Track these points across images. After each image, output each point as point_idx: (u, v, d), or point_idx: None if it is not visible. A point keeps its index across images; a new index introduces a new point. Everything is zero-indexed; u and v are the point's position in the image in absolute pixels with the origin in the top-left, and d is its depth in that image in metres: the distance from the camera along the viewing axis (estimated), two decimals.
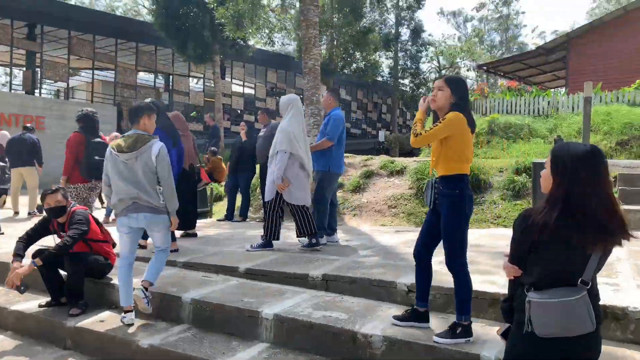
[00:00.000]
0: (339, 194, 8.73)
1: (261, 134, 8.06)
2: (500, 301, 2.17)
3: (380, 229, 7.19)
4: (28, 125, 9.79)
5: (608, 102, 13.02)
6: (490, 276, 3.99)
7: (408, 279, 3.94)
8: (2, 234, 7.00)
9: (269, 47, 17.31)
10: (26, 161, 9.10)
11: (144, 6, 19.37)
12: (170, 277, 4.56)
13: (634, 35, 17.22)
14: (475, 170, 7.80)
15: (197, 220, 8.99)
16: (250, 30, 11.07)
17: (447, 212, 3.11)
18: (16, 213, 9.20)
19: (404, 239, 6.12)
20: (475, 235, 6.18)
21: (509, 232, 6.19)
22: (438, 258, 4.29)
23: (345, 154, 11.14)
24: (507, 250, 2.09)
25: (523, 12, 63.73)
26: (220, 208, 9.78)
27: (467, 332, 3.04)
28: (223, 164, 10.95)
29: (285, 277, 4.36)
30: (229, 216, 8.45)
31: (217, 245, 5.84)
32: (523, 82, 21.67)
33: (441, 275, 4.02)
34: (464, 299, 3.11)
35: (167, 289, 4.15)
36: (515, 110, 14.10)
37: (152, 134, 4.07)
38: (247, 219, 8.56)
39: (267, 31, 11.28)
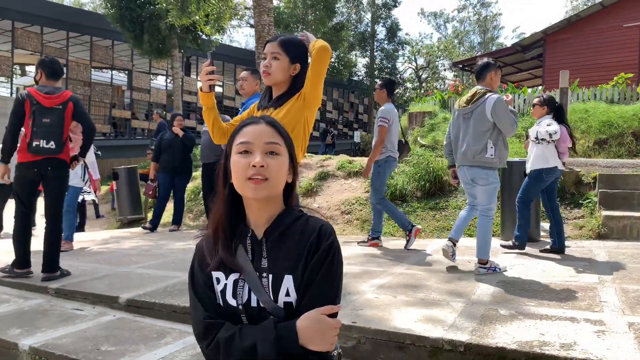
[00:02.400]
0: None
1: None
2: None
3: None
4: None
5: (585, 99, 12.27)
6: (436, 309, 3.00)
7: None
8: None
9: (221, 35, 16.19)
10: None
11: None
12: (28, 310, 3.49)
13: (611, 30, 16.59)
14: (438, 170, 6.87)
15: (123, 229, 7.95)
16: (198, 17, 10.00)
17: None
18: None
19: (349, 252, 5.12)
20: (434, 247, 5.23)
21: (473, 243, 5.22)
22: (376, 280, 3.32)
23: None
24: (468, 267, 1.31)
25: (500, 14, 63.70)
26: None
27: None
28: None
29: (173, 312, 3.32)
30: (155, 224, 7.30)
31: (118, 263, 4.76)
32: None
33: (375, 308, 3.03)
34: None
35: (8, 330, 3.08)
36: None
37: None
38: (183, 228, 7.51)
39: (215, 18, 10.18)
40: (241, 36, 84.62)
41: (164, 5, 10.76)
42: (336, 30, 25.97)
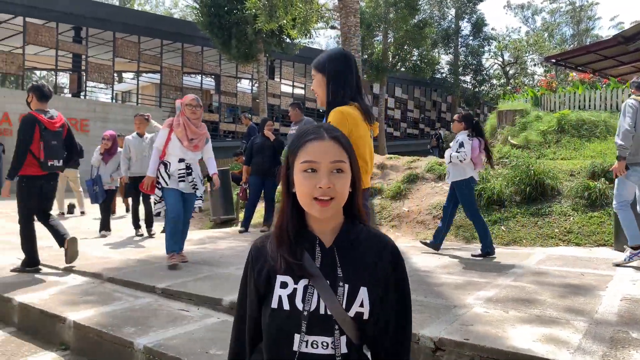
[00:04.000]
0: (376, 200, 7.60)
1: (292, 131, 7.21)
2: None
3: (420, 246, 6.00)
4: None
5: None
6: (556, 328, 2.76)
7: (437, 328, 2.80)
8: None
9: (307, 38, 16.37)
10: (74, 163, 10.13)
11: (190, 6, 18.87)
12: (139, 309, 3.65)
13: None
14: (540, 173, 6.43)
15: (217, 229, 8.21)
16: (285, 22, 10.15)
17: None
18: (62, 214, 9.90)
19: (445, 260, 4.92)
20: (539, 257, 4.90)
21: (582, 253, 4.84)
22: (482, 292, 3.15)
23: (389, 155, 10.04)
24: (582, 280, 1.36)
25: (597, 3, 59.24)
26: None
27: None
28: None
29: None
30: (246, 225, 7.46)
31: (217, 264, 4.89)
32: (598, 75, 19.48)
33: (487, 324, 2.85)
34: None
35: (123, 328, 3.23)
36: (589, 106, 12.46)
37: None
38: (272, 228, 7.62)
39: (301, 21, 10.26)
40: (322, 38, 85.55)
41: (253, 10, 11.05)
42: (419, 28, 25.38)
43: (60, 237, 4.83)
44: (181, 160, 4.75)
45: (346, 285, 1.24)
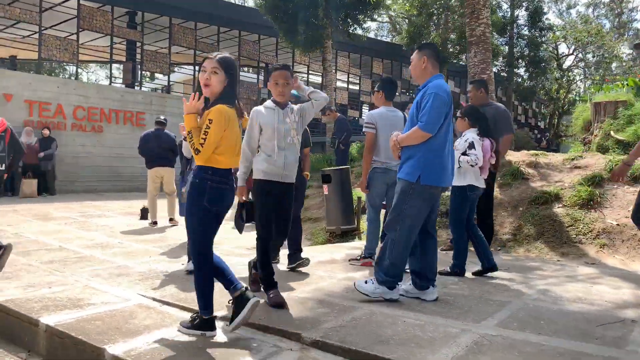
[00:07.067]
0: (560, 209, 5.90)
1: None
2: None
3: None
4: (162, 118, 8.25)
5: None
6: None
7: None
8: None
9: (407, 12, 14.73)
10: (167, 161, 7.91)
11: None
12: None
13: None
14: None
15: (338, 244, 6.60)
16: None
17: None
18: (154, 223, 7.77)
19: None
20: None
21: None
22: None
23: (535, 152, 8.16)
24: None
25: None
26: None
27: (204, 325, 2.81)
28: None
29: None
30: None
31: (369, 299, 3.27)
32: None
33: None
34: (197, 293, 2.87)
35: None
36: None
37: None
38: None
39: None
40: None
41: None
42: None
43: None
44: None
45: None
